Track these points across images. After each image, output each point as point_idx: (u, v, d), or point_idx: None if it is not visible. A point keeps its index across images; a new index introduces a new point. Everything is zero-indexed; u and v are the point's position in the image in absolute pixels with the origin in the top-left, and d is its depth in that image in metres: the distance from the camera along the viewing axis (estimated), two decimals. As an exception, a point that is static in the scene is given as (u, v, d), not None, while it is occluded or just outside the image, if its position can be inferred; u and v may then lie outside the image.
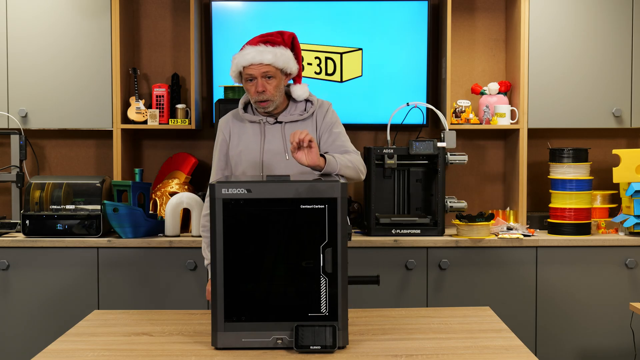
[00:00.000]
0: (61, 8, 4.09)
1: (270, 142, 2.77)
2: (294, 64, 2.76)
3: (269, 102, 2.73)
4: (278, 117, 2.80)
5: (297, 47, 2.81)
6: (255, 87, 2.71)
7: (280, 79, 2.74)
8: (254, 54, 2.69)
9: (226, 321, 2.18)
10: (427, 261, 3.85)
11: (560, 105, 4.12)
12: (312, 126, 2.81)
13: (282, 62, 2.71)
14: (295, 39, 2.81)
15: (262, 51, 2.69)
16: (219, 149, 2.87)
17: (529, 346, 3.82)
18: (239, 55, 2.73)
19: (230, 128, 2.85)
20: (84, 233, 3.85)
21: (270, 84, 2.71)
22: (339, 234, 2.16)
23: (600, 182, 4.36)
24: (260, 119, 2.79)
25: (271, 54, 2.69)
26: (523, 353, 2.16)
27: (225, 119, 2.88)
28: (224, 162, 2.86)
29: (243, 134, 2.82)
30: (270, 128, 2.79)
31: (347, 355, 2.14)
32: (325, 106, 2.85)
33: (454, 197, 4.07)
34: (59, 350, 2.21)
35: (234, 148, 2.82)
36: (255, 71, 2.70)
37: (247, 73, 2.71)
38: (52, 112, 4.12)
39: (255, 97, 2.73)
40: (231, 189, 2.16)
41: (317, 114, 2.82)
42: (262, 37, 2.75)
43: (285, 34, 2.78)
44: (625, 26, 4.10)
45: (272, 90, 2.72)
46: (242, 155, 2.80)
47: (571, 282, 3.89)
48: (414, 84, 4.31)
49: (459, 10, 4.38)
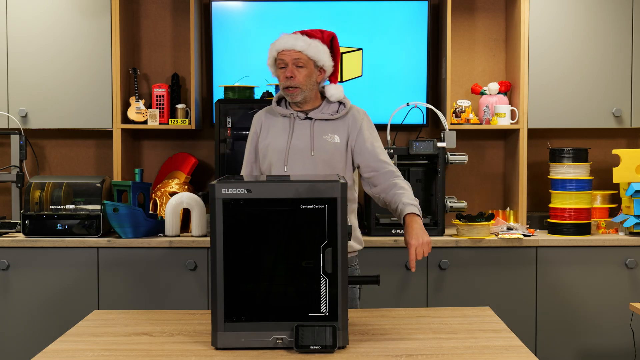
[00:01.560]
0: (61, 8, 4.09)
1: (298, 138, 2.78)
2: (327, 58, 2.79)
3: (297, 89, 2.75)
4: (309, 114, 2.81)
5: (336, 46, 2.85)
6: (285, 73, 2.74)
7: (312, 70, 2.77)
8: (287, 39, 2.75)
9: (226, 321, 2.18)
10: (427, 261, 3.85)
11: (560, 105, 4.12)
12: (343, 127, 2.81)
13: (314, 52, 2.75)
14: (335, 39, 2.84)
15: (297, 38, 2.75)
16: (250, 142, 2.91)
17: (529, 346, 3.82)
18: (275, 42, 2.78)
19: (262, 121, 2.88)
20: (84, 233, 3.85)
21: (300, 73, 2.74)
22: (339, 234, 2.16)
23: (600, 182, 4.36)
24: (291, 114, 2.81)
25: (304, 42, 2.74)
26: (523, 353, 2.16)
27: (259, 114, 2.92)
28: (253, 155, 2.89)
29: (272, 127, 2.84)
30: (300, 123, 2.80)
31: (347, 355, 2.14)
32: (361, 113, 2.86)
33: (454, 197, 4.07)
34: (59, 350, 2.21)
35: (263, 140, 2.85)
36: (287, 57, 2.74)
37: (280, 59, 2.75)
38: (52, 112, 4.12)
39: (284, 82, 2.75)
40: (231, 189, 2.16)
41: (351, 117, 2.82)
42: (302, 30, 2.80)
43: (325, 32, 2.82)
44: (625, 26, 4.10)
45: (302, 79, 2.74)
46: (269, 147, 2.81)
47: (571, 282, 3.89)
48: (414, 84, 4.31)
49: (459, 10, 4.38)
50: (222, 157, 4.00)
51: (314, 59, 2.76)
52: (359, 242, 2.91)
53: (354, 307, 2.84)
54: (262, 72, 4.27)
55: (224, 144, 4.01)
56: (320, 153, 2.76)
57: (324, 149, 2.77)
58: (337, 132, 2.79)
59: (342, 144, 2.79)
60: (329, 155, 2.77)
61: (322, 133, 2.78)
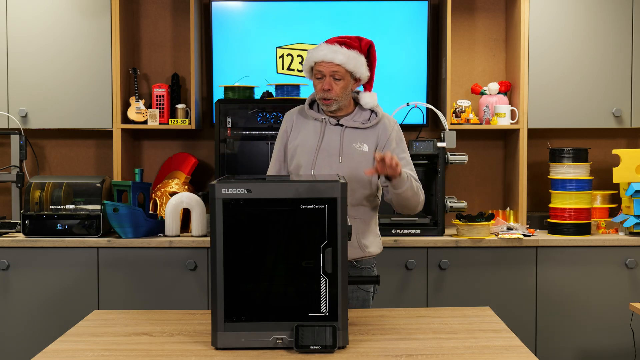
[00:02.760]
0: (61, 8, 4.09)
1: (328, 142, 2.77)
2: (364, 70, 2.76)
3: (333, 101, 2.74)
4: (340, 120, 2.80)
5: (373, 55, 2.82)
6: (322, 85, 2.73)
7: (348, 81, 2.75)
8: (326, 52, 2.72)
9: (226, 321, 2.18)
10: (427, 261, 3.85)
11: (560, 105, 4.12)
12: (373, 137, 2.80)
13: (353, 65, 2.72)
14: (372, 47, 2.81)
15: (336, 51, 2.71)
16: (279, 140, 2.90)
17: (529, 346, 3.82)
18: (314, 50, 2.76)
19: (294, 121, 2.87)
20: (84, 233, 3.85)
21: (337, 85, 2.72)
22: (339, 234, 2.16)
23: (600, 182, 4.36)
24: (323, 118, 2.81)
25: (343, 55, 2.71)
26: (523, 353, 2.16)
27: (291, 112, 2.91)
28: (282, 153, 2.88)
29: (303, 129, 2.83)
30: (331, 128, 2.79)
31: (347, 355, 2.14)
32: (392, 123, 2.84)
33: (454, 197, 4.07)
34: (59, 350, 2.21)
35: (292, 141, 2.84)
36: (325, 69, 2.72)
37: (317, 70, 2.73)
38: (52, 112, 4.12)
39: (320, 94, 2.74)
40: (231, 189, 2.16)
41: (382, 127, 2.81)
42: (340, 38, 2.76)
43: (363, 41, 2.79)
44: (625, 26, 4.10)
45: (339, 92, 2.73)
46: (298, 149, 2.81)
47: (571, 282, 3.89)
48: (414, 84, 4.31)
49: (459, 10, 4.38)
50: (222, 157, 4.00)
51: (352, 72, 2.74)
52: (378, 246, 2.91)
53: (367, 307, 2.84)
54: (262, 72, 4.28)
55: (224, 144, 4.01)
56: (348, 161, 2.75)
57: (352, 157, 2.76)
58: (367, 142, 2.78)
59: (370, 154, 2.77)
60: (356, 163, 2.75)
61: (352, 141, 2.77)
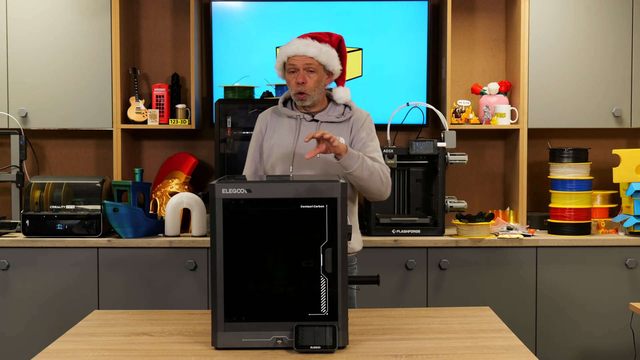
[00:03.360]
0: (61, 8, 4.09)
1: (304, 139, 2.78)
2: (337, 63, 2.81)
3: (307, 95, 2.77)
4: (315, 116, 2.83)
5: (343, 50, 2.87)
6: (296, 79, 2.75)
7: (321, 75, 2.79)
8: (299, 45, 2.76)
9: (226, 321, 2.18)
10: (427, 261, 3.85)
11: (560, 105, 4.12)
12: (347, 130, 2.84)
13: (325, 58, 2.77)
14: (342, 42, 2.87)
15: (308, 44, 2.76)
16: (254, 140, 2.92)
17: (529, 346, 3.82)
18: (285, 46, 2.79)
19: (268, 121, 2.90)
20: (84, 233, 3.85)
21: (311, 78, 2.76)
22: (339, 234, 2.16)
23: (600, 182, 4.36)
24: (298, 115, 2.84)
25: (316, 48, 2.76)
26: (523, 353, 2.16)
27: (265, 113, 2.94)
28: (258, 153, 2.91)
29: (278, 127, 2.86)
30: (306, 125, 2.83)
31: (347, 355, 2.14)
32: (364, 115, 2.88)
33: (454, 197, 4.07)
34: (59, 350, 2.21)
35: (268, 140, 2.87)
36: (299, 62, 2.75)
37: (290, 64, 2.77)
38: (52, 112, 4.12)
39: (295, 88, 2.77)
40: (231, 189, 2.16)
41: (354, 120, 2.85)
42: (310, 34, 2.82)
43: (333, 36, 2.83)
44: (625, 26, 4.10)
45: (312, 84, 2.76)
46: (274, 148, 2.83)
47: (571, 282, 3.89)
48: (414, 84, 4.31)
49: (459, 10, 4.38)
50: (222, 157, 4.00)
51: (325, 64, 2.78)
52: (359, 242, 2.91)
53: (352, 307, 2.84)
54: (262, 72, 4.28)
55: (224, 144, 4.01)
56: (326, 155, 2.76)
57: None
58: (342, 135, 2.82)
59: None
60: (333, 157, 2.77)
61: None
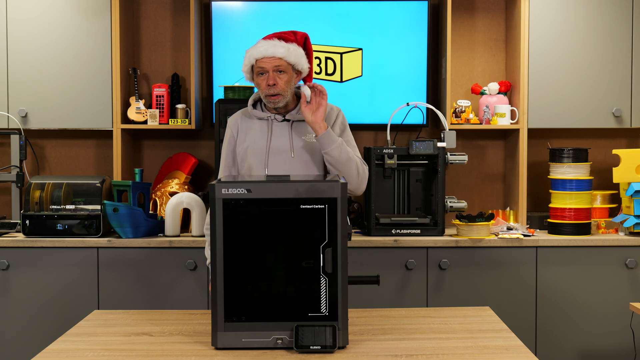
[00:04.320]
0: (61, 8, 4.09)
1: (277, 140, 2.79)
2: (305, 61, 2.80)
3: (280, 96, 2.76)
4: (286, 116, 2.83)
5: (309, 47, 2.86)
6: (267, 81, 2.74)
7: (291, 75, 2.77)
8: (266, 47, 2.74)
9: (226, 321, 2.18)
10: (427, 261, 3.85)
11: (560, 105, 4.12)
12: None
13: (294, 58, 2.75)
14: (307, 40, 2.85)
15: (275, 45, 2.74)
16: (227, 145, 2.89)
17: (529, 346, 3.82)
18: (252, 48, 2.77)
19: (239, 125, 2.88)
20: (84, 233, 3.85)
21: (281, 79, 2.74)
22: (339, 234, 2.16)
23: (600, 182, 4.36)
24: (269, 116, 2.83)
25: (284, 48, 2.74)
26: (523, 353, 2.16)
27: (234, 117, 2.92)
28: (231, 158, 2.89)
29: (250, 130, 2.84)
30: (278, 125, 2.82)
31: (347, 355, 2.14)
32: (335, 110, 2.88)
33: (454, 197, 4.07)
34: (59, 350, 2.21)
35: (241, 144, 2.85)
36: (268, 64, 2.73)
37: (259, 66, 2.75)
38: (52, 112, 4.12)
39: (266, 90, 2.75)
40: (231, 189, 2.16)
41: (327, 117, 2.84)
42: (275, 34, 2.80)
43: (298, 34, 2.82)
44: (625, 26, 4.10)
45: (283, 85, 2.75)
46: (248, 151, 2.82)
47: (571, 282, 3.89)
48: (414, 84, 4.31)
49: (459, 10, 4.38)
50: (222, 157, 4.00)
51: (294, 64, 2.77)
52: None
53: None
54: (262, 72, 4.27)
55: (224, 144, 4.01)
56: (300, 154, 2.78)
57: (304, 150, 2.80)
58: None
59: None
60: (308, 155, 2.79)
61: (301, 134, 2.81)
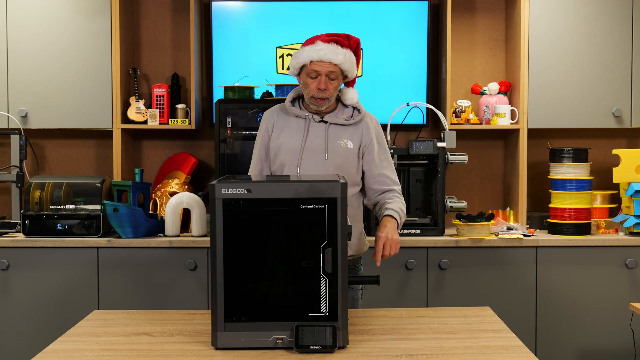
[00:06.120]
0: (61, 8, 4.09)
1: (313, 140, 2.76)
2: (354, 70, 2.77)
3: (326, 100, 2.73)
4: (324, 117, 2.79)
5: (359, 53, 2.82)
6: (318, 84, 2.70)
7: (340, 81, 2.75)
8: (327, 51, 2.68)
9: (226, 321, 2.18)
10: (427, 261, 3.85)
11: (560, 105, 4.12)
12: (357, 134, 2.80)
13: (349, 66, 2.72)
14: (359, 45, 2.81)
15: (335, 50, 2.69)
16: (260, 139, 2.86)
17: (529, 346, 3.82)
18: (311, 49, 2.70)
19: (275, 120, 2.84)
20: (84, 233, 3.85)
21: (332, 85, 2.71)
22: (339, 234, 2.16)
23: (600, 182, 4.36)
24: (307, 115, 2.79)
25: (342, 55, 2.70)
26: (523, 353, 2.16)
27: (271, 111, 2.88)
28: (264, 152, 2.85)
29: (286, 127, 2.81)
30: (315, 125, 2.79)
31: (347, 355, 2.14)
32: (374, 121, 2.85)
33: (454, 197, 4.07)
34: (59, 350, 2.21)
35: (275, 140, 2.82)
36: (323, 69, 2.69)
37: (313, 69, 2.70)
38: (52, 112, 4.12)
39: (315, 93, 2.71)
40: (231, 189, 2.16)
41: (365, 125, 2.81)
42: (330, 36, 2.73)
43: (352, 39, 2.77)
44: (625, 26, 4.10)
45: (333, 91, 2.73)
46: (282, 147, 2.79)
47: (571, 282, 3.89)
48: (414, 84, 4.31)
49: (459, 10, 4.38)
50: (222, 157, 4.00)
51: (346, 71, 2.73)
52: (365, 243, 2.92)
53: (356, 308, 2.84)
54: (262, 72, 4.28)
55: (224, 144, 4.01)
56: (334, 157, 2.75)
57: (338, 154, 2.76)
58: (351, 138, 2.78)
59: (354, 150, 2.78)
60: (341, 159, 2.76)
61: (337, 137, 2.77)
